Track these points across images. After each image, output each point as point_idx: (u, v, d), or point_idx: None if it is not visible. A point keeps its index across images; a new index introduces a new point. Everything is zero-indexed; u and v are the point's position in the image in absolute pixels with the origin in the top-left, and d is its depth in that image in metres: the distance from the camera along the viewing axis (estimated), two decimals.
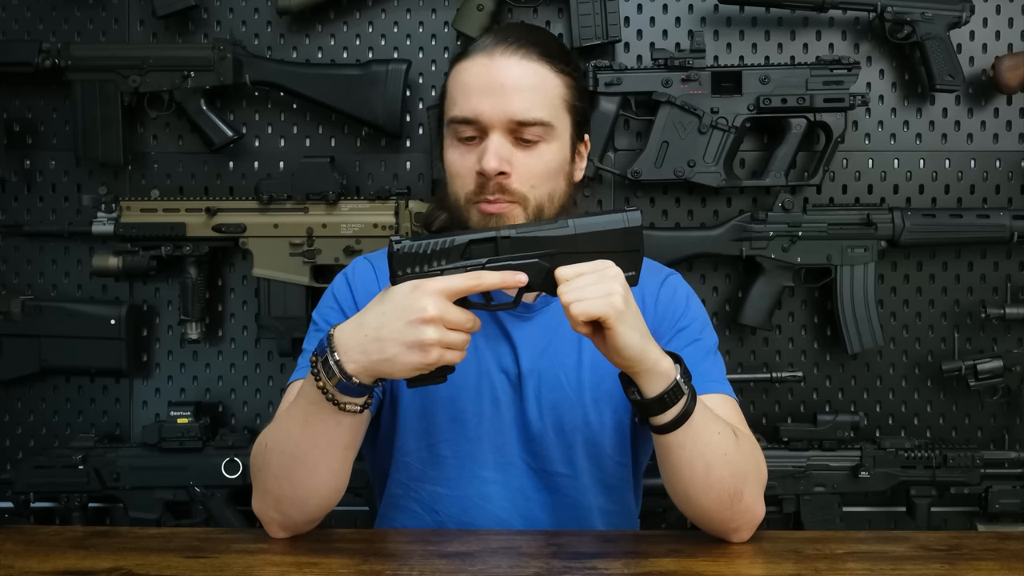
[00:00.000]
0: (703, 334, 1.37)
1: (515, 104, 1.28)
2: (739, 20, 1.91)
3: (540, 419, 1.34)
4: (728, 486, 1.19)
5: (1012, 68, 1.82)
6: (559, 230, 1.10)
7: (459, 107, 1.30)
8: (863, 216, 1.84)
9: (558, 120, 1.31)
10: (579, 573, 1.07)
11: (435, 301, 1.07)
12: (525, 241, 1.10)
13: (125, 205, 1.84)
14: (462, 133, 1.30)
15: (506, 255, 1.09)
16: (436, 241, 1.09)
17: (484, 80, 1.29)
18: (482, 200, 1.28)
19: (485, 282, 1.09)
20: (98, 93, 1.83)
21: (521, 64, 1.29)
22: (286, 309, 1.84)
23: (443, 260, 1.09)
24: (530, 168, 1.29)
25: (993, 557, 1.16)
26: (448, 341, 1.08)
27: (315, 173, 1.83)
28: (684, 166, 1.83)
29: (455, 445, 1.34)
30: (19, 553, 1.16)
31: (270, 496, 1.22)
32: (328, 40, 1.93)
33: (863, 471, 1.81)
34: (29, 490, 1.83)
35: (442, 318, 1.07)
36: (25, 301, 1.88)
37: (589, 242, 1.09)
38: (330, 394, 1.12)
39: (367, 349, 1.09)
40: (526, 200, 1.29)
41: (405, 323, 1.07)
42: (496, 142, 1.27)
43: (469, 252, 1.10)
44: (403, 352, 1.08)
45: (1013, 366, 1.84)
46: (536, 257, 1.09)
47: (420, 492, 1.35)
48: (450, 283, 1.08)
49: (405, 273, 1.09)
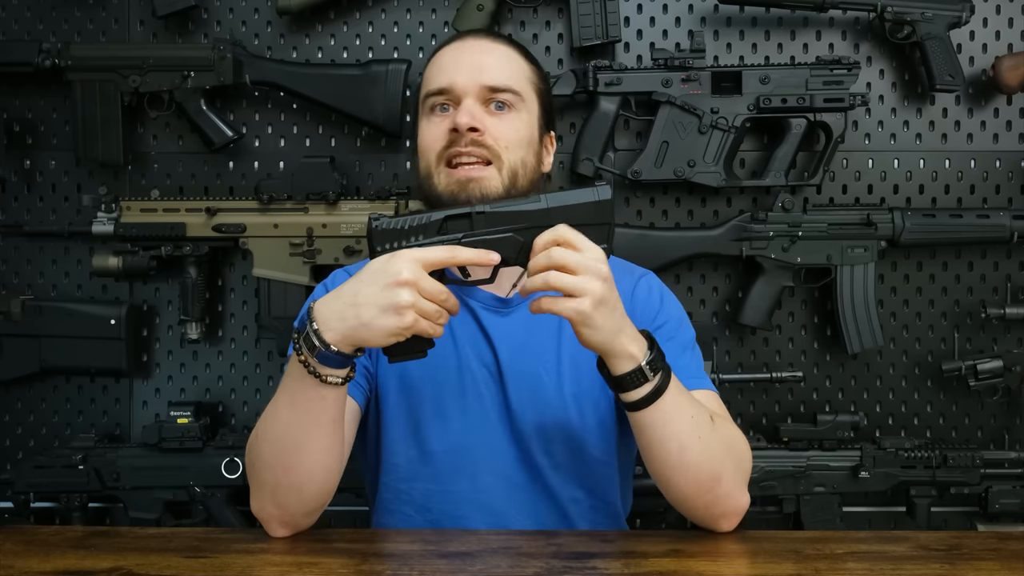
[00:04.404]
0: (679, 331, 1.39)
1: (487, 73, 1.35)
2: (739, 20, 1.91)
3: (522, 412, 1.34)
4: (704, 469, 1.21)
5: (1012, 68, 1.82)
6: (532, 204, 1.13)
7: (433, 81, 1.37)
8: (863, 216, 1.84)
9: (527, 94, 1.38)
10: (579, 573, 1.07)
11: (410, 266, 1.09)
12: (499, 216, 1.12)
13: (125, 205, 1.84)
14: (435, 103, 1.36)
15: (481, 230, 1.12)
16: (413, 217, 1.12)
17: (457, 55, 1.38)
18: (454, 161, 1.32)
19: (460, 256, 1.11)
20: (98, 93, 1.83)
21: (493, 43, 1.40)
22: (286, 309, 1.84)
23: (420, 236, 1.12)
24: (502, 131, 1.34)
25: (993, 557, 1.16)
26: (422, 308, 1.10)
27: (315, 173, 1.83)
28: (684, 166, 1.83)
29: (442, 440, 1.34)
30: (19, 553, 1.16)
31: (266, 488, 1.23)
32: (328, 40, 1.93)
33: (863, 471, 1.81)
34: (29, 490, 1.83)
35: (416, 283, 1.09)
36: (25, 301, 1.88)
37: (562, 216, 1.12)
38: (312, 367, 1.13)
39: (344, 316, 1.11)
40: (500, 160, 1.33)
41: (381, 287, 1.09)
42: (469, 103, 1.33)
43: (445, 228, 1.12)
44: (378, 315, 1.09)
45: (1013, 366, 1.84)
46: (511, 231, 1.12)
47: (411, 493, 1.35)
48: (426, 253, 1.10)
49: (384, 248, 1.12)
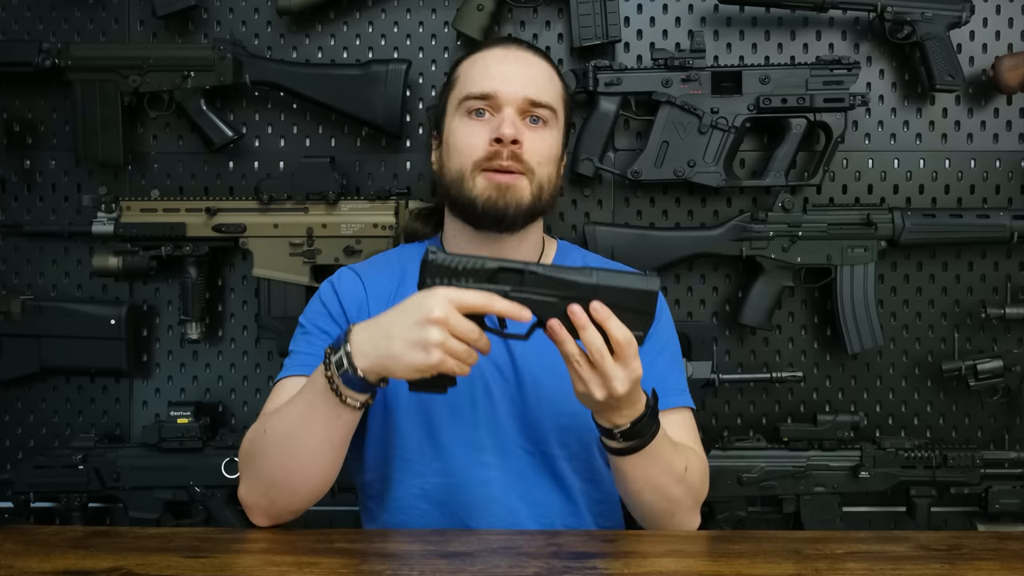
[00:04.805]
0: (670, 343, 1.46)
1: (531, 86, 1.40)
2: (739, 20, 1.91)
3: (539, 403, 1.38)
4: (660, 509, 1.32)
5: (1012, 68, 1.82)
6: (583, 277, 1.13)
7: (477, 84, 1.39)
8: (863, 216, 1.84)
9: (559, 112, 1.44)
10: (579, 573, 1.07)
11: (443, 304, 1.11)
12: (549, 280, 1.13)
13: (125, 205, 1.84)
14: (476, 107, 1.39)
15: (530, 288, 1.13)
16: (469, 259, 1.14)
17: (503, 63, 1.41)
18: (493, 168, 1.36)
19: (495, 306, 1.12)
20: (98, 93, 1.83)
21: (536, 57, 1.45)
22: (286, 309, 1.84)
23: (471, 279, 1.13)
24: (536, 146, 1.39)
25: (993, 557, 1.16)
26: (451, 347, 1.11)
27: (315, 173, 1.83)
28: (684, 166, 1.83)
29: (454, 433, 1.37)
30: (19, 553, 1.16)
31: (262, 482, 1.27)
32: (328, 40, 1.93)
33: (863, 471, 1.81)
34: (29, 490, 1.83)
35: (447, 322, 1.11)
36: (25, 301, 1.88)
37: (607, 295, 1.13)
38: (335, 385, 1.17)
39: (376, 344, 1.14)
40: (533, 174, 1.38)
41: (412, 322, 1.12)
42: (510, 114, 1.37)
43: (496, 278, 1.14)
44: (407, 350, 1.12)
45: (1013, 366, 1.84)
46: (556, 297, 1.13)
47: (426, 486, 1.38)
48: (462, 295, 1.12)
49: (433, 282, 1.14)
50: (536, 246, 1.50)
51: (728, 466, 1.82)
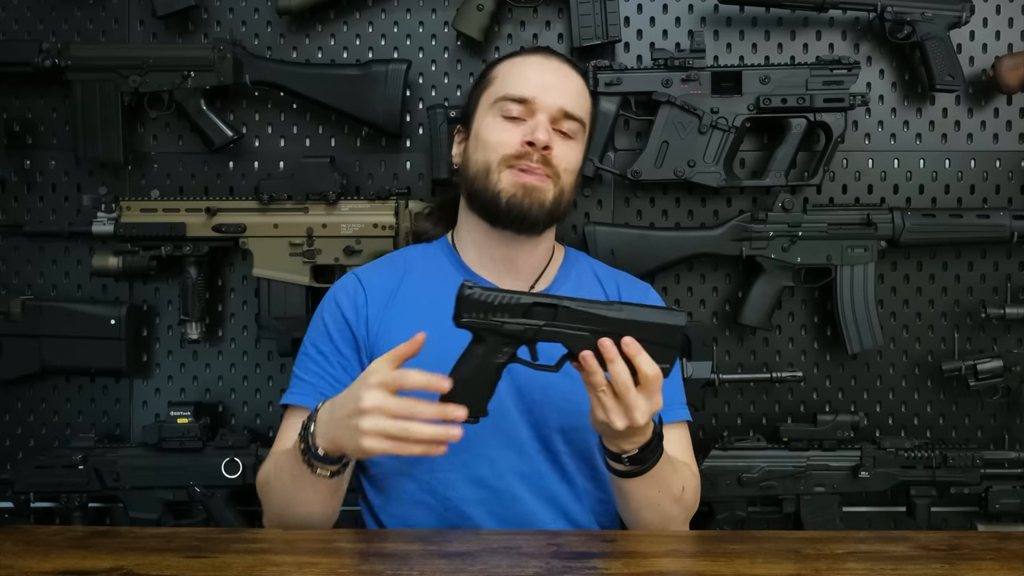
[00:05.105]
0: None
1: (567, 98, 1.44)
2: (739, 20, 1.91)
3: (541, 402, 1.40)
4: (655, 524, 1.36)
5: (1012, 68, 1.82)
6: (614, 312, 1.18)
7: (516, 87, 1.43)
8: (863, 216, 1.84)
9: (587, 126, 1.49)
10: (579, 573, 1.07)
11: (373, 393, 1.14)
12: (581, 315, 1.18)
13: (125, 205, 1.84)
14: (510, 111, 1.43)
15: (563, 323, 1.17)
16: (504, 295, 1.18)
17: (541, 71, 1.46)
18: (522, 167, 1.40)
19: (432, 384, 1.13)
20: (98, 93, 1.83)
21: (572, 72, 1.49)
22: (286, 309, 1.84)
23: (505, 315, 1.17)
24: (563, 154, 1.43)
25: (993, 557, 1.16)
26: (382, 429, 1.13)
27: (315, 173, 1.83)
28: (684, 166, 1.83)
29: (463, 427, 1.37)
30: (19, 553, 1.16)
31: (275, 519, 1.37)
32: (328, 40, 1.93)
33: (863, 471, 1.81)
34: (29, 490, 1.83)
35: (380, 408, 1.13)
36: (25, 301, 1.88)
37: (636, 329, 1.17)
38: (307, 457, 1.23)
39: (329, 428, 1.20)
40: (558, 180, 1.43)
41: (348, 411, 1.16)
42: (543, 120, 1.41)
43: (530, 313, 1.17)
44: (348, 437, 1.17)
45: (1013, 366, 1.84)
46: (587, 331, 1.17)
47: (432, 482, 1.40)
48: (401, 377, 1.14)
49: (469, 316, 1.17)
50: (548, 251, 1.52)
51: (728, 466, 1.82)
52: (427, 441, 1.13)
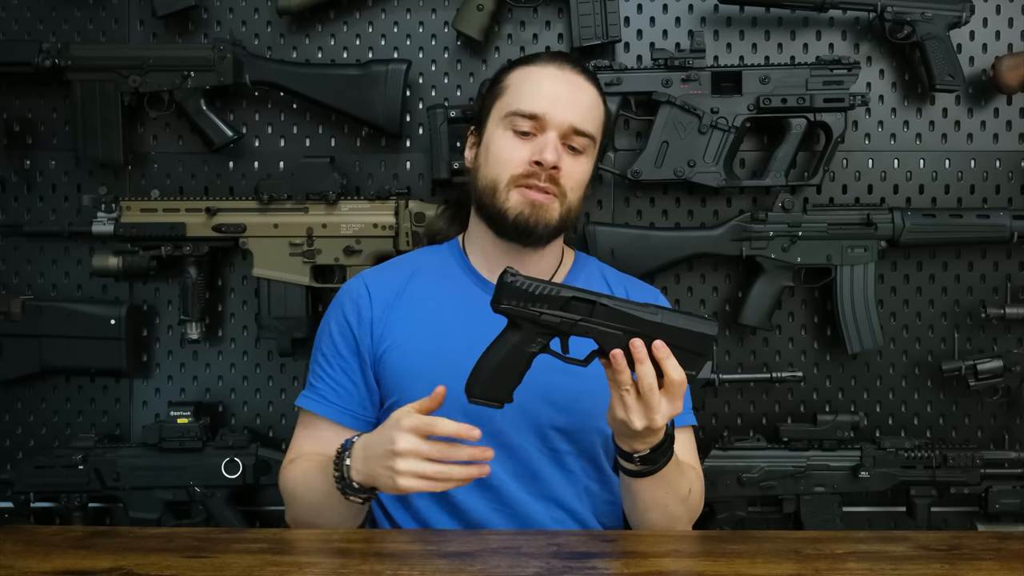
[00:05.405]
0: None
1: (578, 114, 1.43)
2: (739, 20, 1.91)
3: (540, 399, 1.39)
4: (661, 525, 1.37)
5: (1012, 68, 1.82)
6: (649, 315, 1.19)
7: (526, 102, 1.42)
8: (863, 216, 1.84)
9: (597, 141, 1.48)
10: (579, 573, 1.07)
11: (406, 437, 1.18)
12: (617, 314, 1.19)
13: (125, 205, 1.84)
14: (520, 126, 1.42)
15: (599, 320, 1.19)
16: (544, 286, 1.19)
17: (554, 85, 1.43)
18: (529, 185, 1.40)
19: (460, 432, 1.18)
20: (98, 93, 1.83)
21: (587, 83, 1.46)
22: (286, 309, 1.84)
23: (544, 305, 1.18)
24: (572, 172, 1.43)
25: (993, 557, 1.16)
26: (420, 471, 1.17)
27: (315, 173, 1.83)
28: (684, 166, 1.83)
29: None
30: (19, 553, 1.16)
31: (302, 520, 1.41)
32: (328, 40, 1.93)
33: (863, 471, 1.81)
34: (29, 490, 1.83)
35: (414, 452, 1.17)
36: (25, 301, 1.88)
37: (668, 334, 1.19)
38: (340, 485, 1.27)
39: (365, 466, 1.24)
40: (565, 198, 1.42)
41: (383, 452, 1.20)
42: (553, 138, 1.40)
43: (569, 307, 1.19)
44: (386, 476, 1.20)
45: (1013, 366, 1.84)
46: (620, 330, 1.18)
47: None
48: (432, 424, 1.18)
49: (508, 303, 1.19)
50: (556, 258, 1.53)
51: (728, 466, 1.82)
52: (460, 480, 1.18)
